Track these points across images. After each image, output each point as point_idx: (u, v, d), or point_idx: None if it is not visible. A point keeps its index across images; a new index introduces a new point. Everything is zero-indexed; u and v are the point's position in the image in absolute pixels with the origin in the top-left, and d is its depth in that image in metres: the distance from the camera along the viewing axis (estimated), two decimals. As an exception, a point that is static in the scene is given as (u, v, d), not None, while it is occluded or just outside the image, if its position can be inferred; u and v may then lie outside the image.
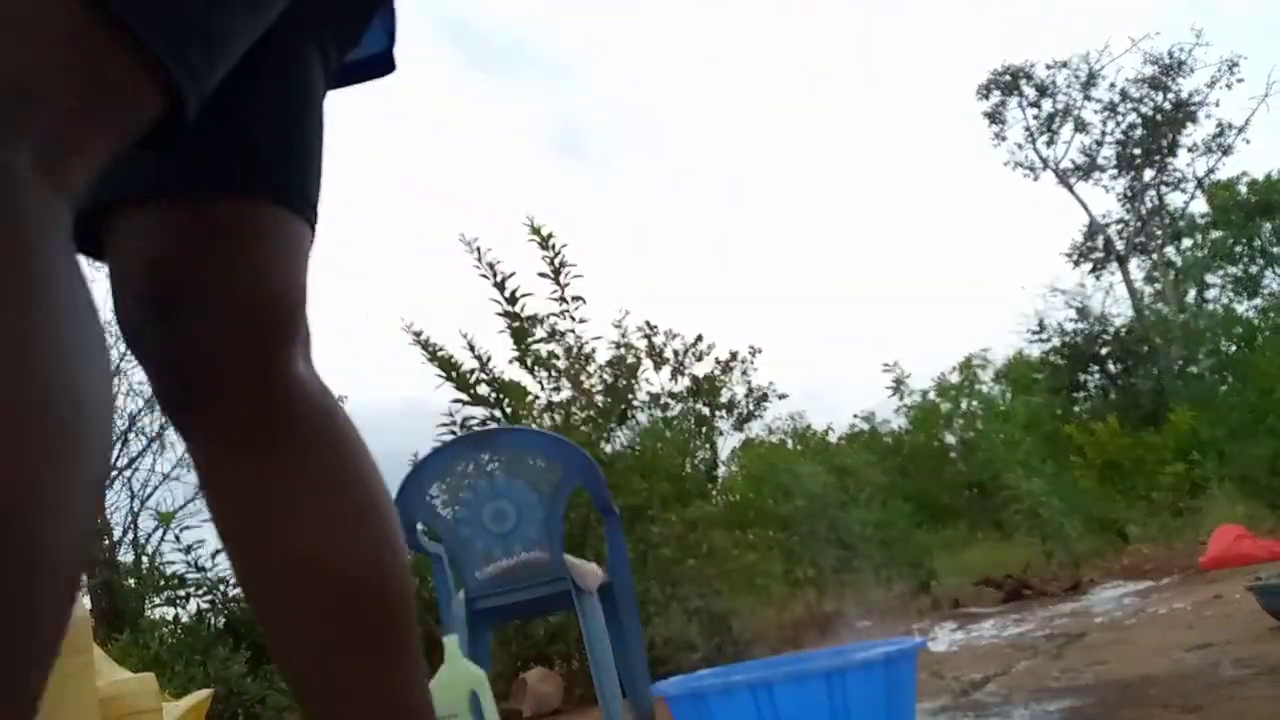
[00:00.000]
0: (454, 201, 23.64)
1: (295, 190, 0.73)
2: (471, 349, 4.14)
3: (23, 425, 0.42)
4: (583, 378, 4.25)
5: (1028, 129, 16.29)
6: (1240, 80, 15.08)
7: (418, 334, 4.09)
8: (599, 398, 4.23)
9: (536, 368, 4.22)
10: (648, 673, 2.59)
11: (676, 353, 5.15)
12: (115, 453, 10.23)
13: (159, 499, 10.41)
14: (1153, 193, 16.25)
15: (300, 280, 0.74)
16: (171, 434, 10.80)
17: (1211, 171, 16.01)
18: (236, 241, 0.70)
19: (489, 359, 4.15)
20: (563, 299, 4.23)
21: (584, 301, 4.26)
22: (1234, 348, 11.58)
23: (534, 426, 3.83)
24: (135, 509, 10.28)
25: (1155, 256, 16.03)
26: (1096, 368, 11.27)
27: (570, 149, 30.19)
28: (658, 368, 5.19)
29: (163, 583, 3.68)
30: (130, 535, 10.09)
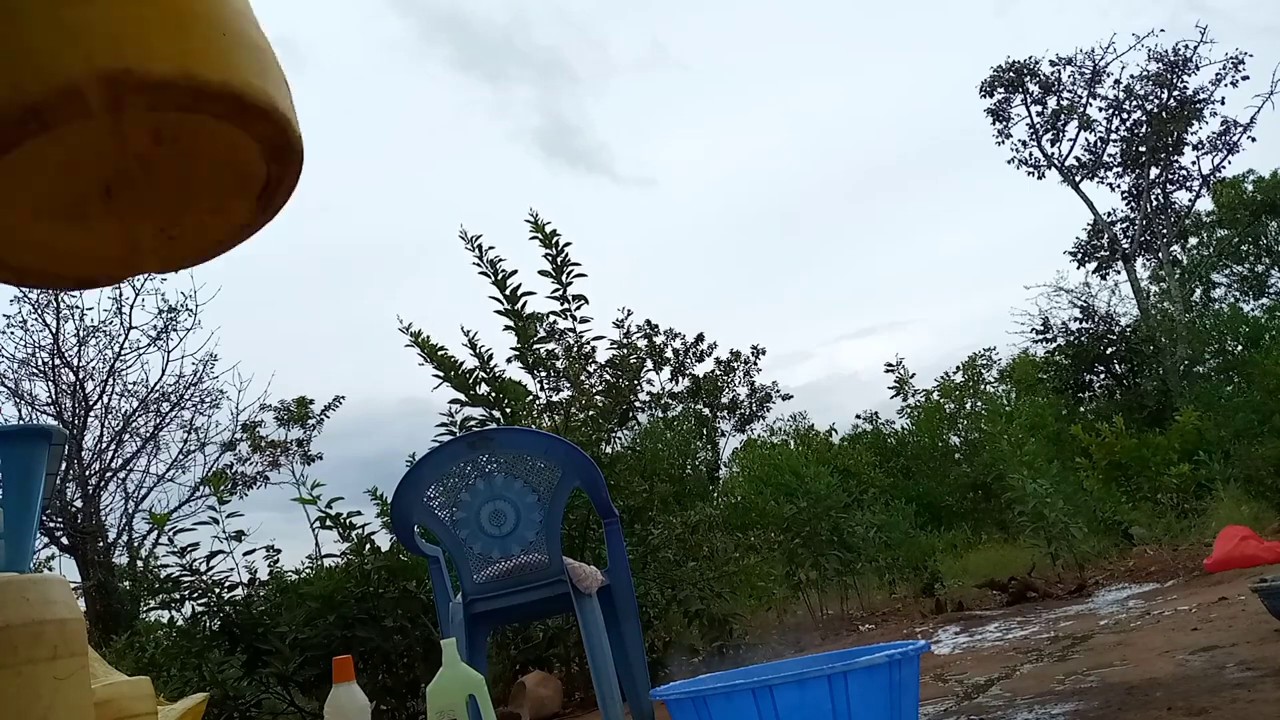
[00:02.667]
0: (450, 200, 23.64)
1: None
2: (472, 347, 4.12)
3: None
4: (583, 377, 4.23)
5: (1032, 126, 16.23)
6: (1246, 78, 15.02)
7: (416, 334, 4.07)
8: (599, 398, 4.21)
9: (537, 368, 4.20)
10: (648, 676, 2.57)
11: (677, 353, 5.13)
12: (110, 454, 10.24)
13: (153, 500, 10.44)
14: (1158, 191, 16.18)
15: None
16: (166, 435, 10.87)
17: (1217, 169, 15.94)
18: None
19: (490, 358, 4.13)
20: (564, 298, 4.21)
21: (586, 301, 4.23)
22: (1240, 347, 11.53)
23: (533, 427, 3.81)
24: (130, 511, 10.30)
25: (1161, 255, 15.96)
26: (1102, 368, 11.23)
27: (560, 147, 30.17)
28: (658, 368, 5.17)
29: (157, 585, 3.67)
30: (125, 538, 10.11)
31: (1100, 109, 16.02)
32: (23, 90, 0.58)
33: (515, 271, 4.15)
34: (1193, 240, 18.39)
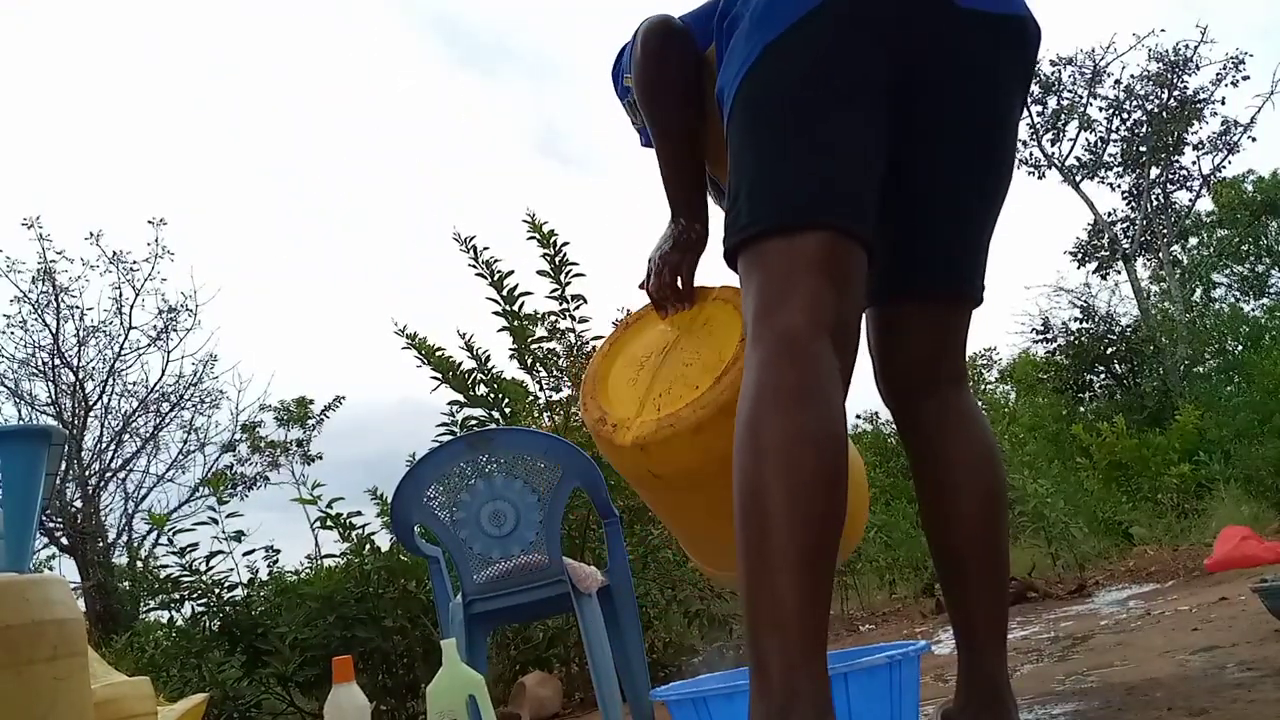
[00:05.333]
0: (448, 199, 23.63)
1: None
2: (469, 349, 4.11)
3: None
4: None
5: (1032, 126, 16.22)
6: (1246, 78, 15.01)
7: (411, 336, 4.06)
8: (600, 398, 4.19)
9: (536, 367, 4.20)
10: (648, 677, 2.57)
11: (678, 353, 5.11)
12: (109, 455, 10.24)
13: (152, 501, 10.44)
14: (1158, 191, 16.18)
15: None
16: (166, 435, 10.88)
17: (1218, 169, 15.95)
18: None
19: (488, 359, 4.12)
20: (563, 298, 4.21)
21: (584, 300, 4.23)
22: (1240, 347, 11.53)
23: (533, 427, 3.81)
24: (129, 511, 10.30)
25: (1161, 255, 15.97)
26: (1102, 368, 11.22)
27: (551, 148, 30.18)
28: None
29: (157, 586, 3.68)
30: (125, 538, 10.11)
31: (1100, 109, 16.03)
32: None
33: (512, 272, 4.15)
34: (1193, 240, 18.39)
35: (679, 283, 1.44)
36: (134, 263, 10.46)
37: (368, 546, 3.79)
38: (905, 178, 1.23)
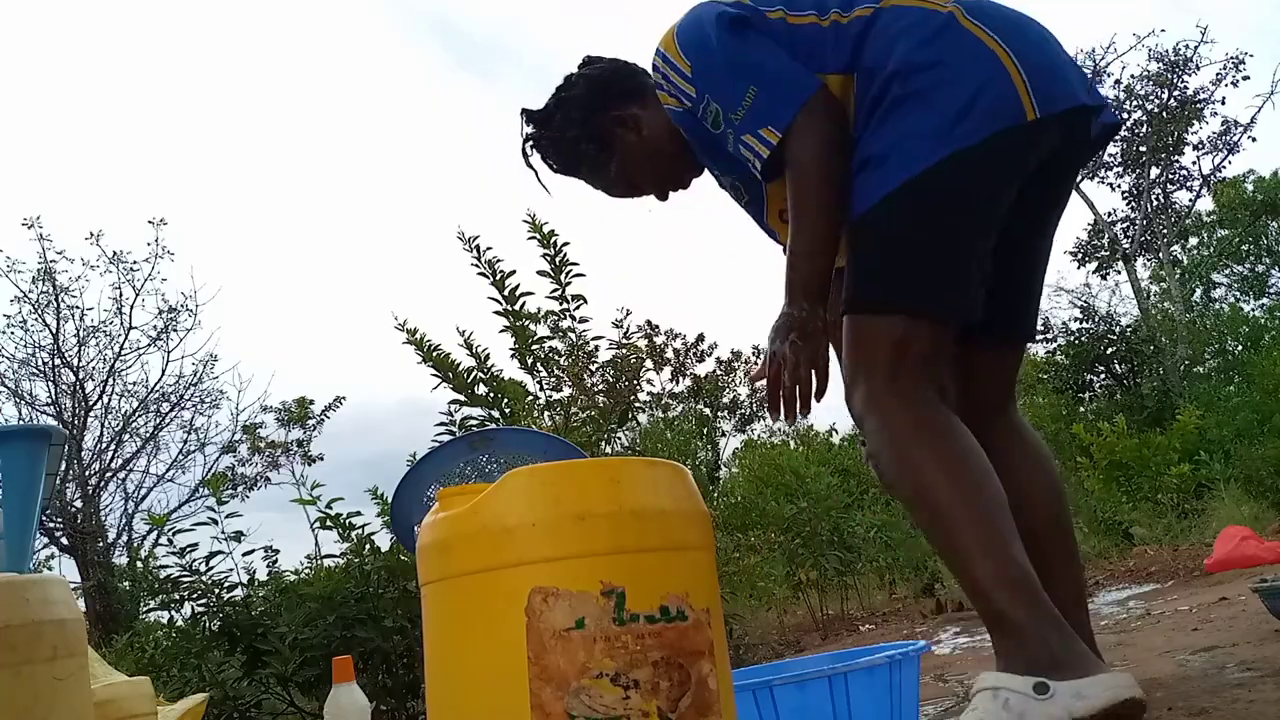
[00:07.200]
0: (448, 199, 23.62)
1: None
2: (469, 348, 4.11)
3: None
4: (584, 376, 4.23)
5: (1032, 127, 16.17)
6: (1246, 78, 14.99)
7: (411, 332, 4.06)
8: (600, 398, 4.20)
9: (537, 366, 4.20)
10: (647, 676, 2.57)
11: (677, 353, 5.13)
12: (109, 455, 10.24)
13: (152, 501, 10.45)
14: (1158, 191, 16.17)
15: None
16: (166, 435, 10.88)
17: (1218, 169, 15.94)
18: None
19: (487, 358, 4.12)
20: (563, 298, 4.21)
21: (585, 300, 4.23)
22: (1240, 347, 11.54)
23: (533, 426, 3.80)
24: (129, 511, 10.29)
25: (1161, 255, 15.96)
26: (1102, 368, 11.21)
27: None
28: (658, 368, 5.15)
29: (157, 586, 3.68)
30: (125, 538, 10.11)
31: (1100, 109, 16.00)
32: None
33: (514, 272, 4.14)
34: (1193, 240, 18.39)
35: (814, 384, 1.50)
36: (134, 263, 10.47)
37: (368, 546, 3.79)
38: (1000, 244, 1.45)
